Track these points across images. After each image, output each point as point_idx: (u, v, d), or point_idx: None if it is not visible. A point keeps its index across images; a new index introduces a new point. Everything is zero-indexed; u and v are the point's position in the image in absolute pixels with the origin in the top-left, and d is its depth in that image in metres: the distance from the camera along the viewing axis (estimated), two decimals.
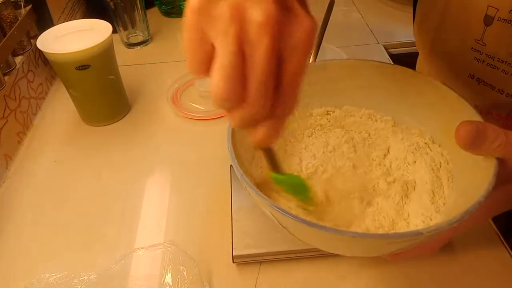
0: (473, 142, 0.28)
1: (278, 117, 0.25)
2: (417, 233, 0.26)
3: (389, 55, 0.78)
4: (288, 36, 0.22)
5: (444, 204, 0.35)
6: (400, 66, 0.40)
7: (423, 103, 0.39)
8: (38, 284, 0.41)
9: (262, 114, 0.24)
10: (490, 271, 0.42)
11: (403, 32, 0.84)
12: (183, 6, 0.92)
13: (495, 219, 0.46)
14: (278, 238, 0.42)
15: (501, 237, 0.44)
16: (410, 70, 0.40)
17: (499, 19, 0.39)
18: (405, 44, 0.81)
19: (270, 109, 0.24)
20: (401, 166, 0.40)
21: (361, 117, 0.43)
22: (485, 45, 0.41)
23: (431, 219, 0.34)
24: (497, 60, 0.41)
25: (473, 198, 0.28)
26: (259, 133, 0.25)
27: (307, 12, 0.23)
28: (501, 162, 0.29)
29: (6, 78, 0.58)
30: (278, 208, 0.28)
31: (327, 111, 0.44)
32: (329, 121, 0.44)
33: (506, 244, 0.44)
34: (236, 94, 0.23)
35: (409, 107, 0.41)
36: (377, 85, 0.41)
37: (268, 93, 0.23)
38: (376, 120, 0.43)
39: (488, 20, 0.40)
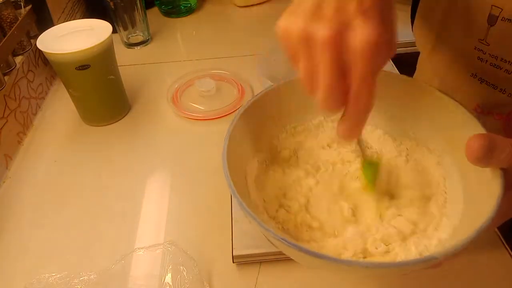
0: (485, 156, 0.27)
1: (353, 116, 0.28)
2: (431, 258, 0.26)
3: None
4: (347, 47, 0.25)
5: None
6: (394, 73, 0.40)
7: (422, 113, 0.39)
8: (38, 284, 0.41)
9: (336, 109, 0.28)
10: (490, 271, 0.42)
11: (403, 32, 0.83)
12: (183, 6, 0.92)
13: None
14: None
15: (501, 237, 0.44)
16: (404, 77, 0.39)
17: (503, 19, 0.39)
18: (405, 44, 0.81)
19: (347, 110, 0.28)
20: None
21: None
22: (489, 45, 0.41)
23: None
24: (501, 60, 0.41)
25: (482, 212, 0.27)
26: (341, 128, 0.30)
27: (372, 23, 0.25)
28: (504, 172, 0.29)
29: (6, 78, 0.58)
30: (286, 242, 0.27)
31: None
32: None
33: (506, 244, 0.44)
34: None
35: (406, 116, 0.40)
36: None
37: (338, 96, 0.27)
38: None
39: (492, 20, 0.40)
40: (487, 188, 0.29)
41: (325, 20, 0.25)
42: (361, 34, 0.25)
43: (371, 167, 0.37)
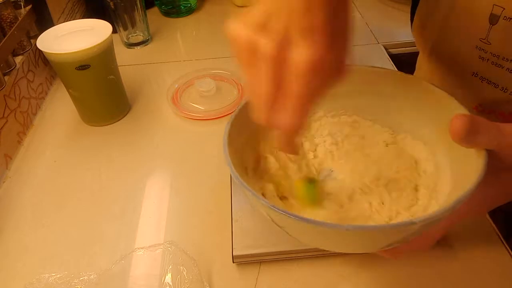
0: (468, 135, 0.29)
1: (283, 132, 0.29)
2: (410, 223, 0.26)
3: (389, 55, 0.78)
4: (286, 65, 0.25)
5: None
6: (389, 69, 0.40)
7: (414, 104, 0.40)
8: (38, 284, 0.41)
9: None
10: (490, 271, 0.42)
11: (403, 32, 0.84)
12: (183, 6, 0.92)
13: (495, 219, 0.46)
14: (278, 238, 0.42)
15: (501, 237, 0.44)
16: (399, 73, 0.40)
17: (504, 18, 0.39)
18: (405, 44, 0.81)
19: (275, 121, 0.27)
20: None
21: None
22: (490, 44, 0.42)
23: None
24: (502, 59, 0.41)
25: (465, 188, 0.28)
26: (275, 141, 0.30)
27: (316, 44, 0.24)
28: (492, 154, 0.30)
29: (6, 78, 0.58)
30: (276, 209, 0.28)
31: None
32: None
33: (506, 244, 0.44)
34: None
35: (399, 109, 0.41)
36: (363, 89, 0.41)
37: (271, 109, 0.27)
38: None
39: (493, 19, 0.40)
40: (471, 168, 0.30)
41: (271, 33, 0.25)
42: (300, 53, 0.24)
43: (310, 186, 0.37)
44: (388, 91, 0.40)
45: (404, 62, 0.78)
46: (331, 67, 0.26)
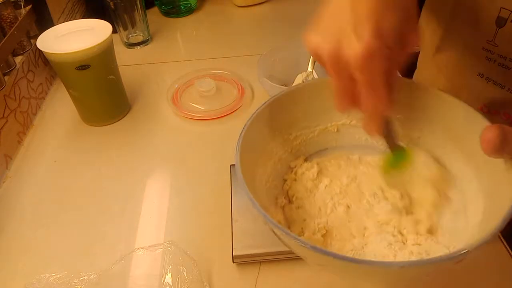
0: (501, 146, 0.28)
1: (366, 115, 0.34)
2: (462, 253, 0.26)
3: None
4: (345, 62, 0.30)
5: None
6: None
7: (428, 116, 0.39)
8: (38, 284, 0.41)
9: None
10: (490, 271, 0.42)
11: None
12: (183, 6, 0.92)
13: None
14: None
15: (501, 237, 0.44)
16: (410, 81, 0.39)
17: None
18: None
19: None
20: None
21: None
22: (497, 46, 0.42)
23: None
24: (509, 60, 0.41)
25: (502, 202, 0.28)
26: (362, 124, 0.35)
27: (362, 36, 0.29)
28: None
29: (6, 78, 0.58)
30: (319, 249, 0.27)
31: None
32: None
33: (506, 244, 0.44)
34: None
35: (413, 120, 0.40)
36: None
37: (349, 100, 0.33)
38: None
39: (500, 22, 0.40)
40: (504, 179, 0.30)
41: (328, 38, 0.30)
42: (349, 49, 0.29)
43: (399, 155, 0.38)
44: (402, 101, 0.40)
45: (404, 62, 0.78)
46: (388, 50, 0.29)
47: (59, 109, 0.67)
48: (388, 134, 0.36)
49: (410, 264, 0.27)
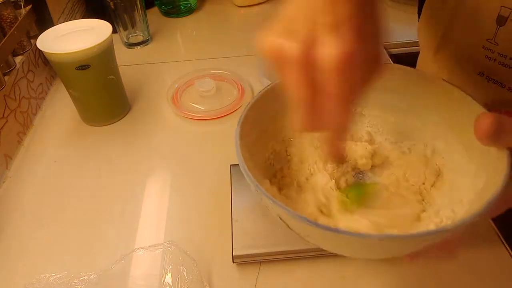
0: (494, 134, 0.28)
1: (330, 136, 0.29)
2: (443, 230, 0.26)
3: (389, 55, 0.78)
4: (317, 65, 0.24)
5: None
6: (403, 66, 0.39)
7: (428, 104, 0.39)
8: (38, 284, 0.41)
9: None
10: (490, 271, 0.42)
11: (403, 32, 0.84)
12: (183, 6, 0.92)
13: (495, 219, 0.46)
14: (278, 238, 0.42)
15: (501, 237, 0.44)
16: (410, 69, 0.39)
17: None
18: (405, 44, 0.81)
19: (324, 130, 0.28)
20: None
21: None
22: (497, 44, 0.42)
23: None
24: (510, 59, 0.41)
25: (491, 189, 0.28)
26: (323, 149, 0.31)
27: (344, 38, 0.23)
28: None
29: (6, 78, 0.58)
30: (304, 219, 0.27)
31: None
32: None
33: (506, 244, 0.44)
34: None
35: (413, 108, 0.41)
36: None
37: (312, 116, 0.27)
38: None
39: (501, 20, 0.40)
40: (494, 168, 0.30)
41: (297, 36, 0.24)
42: (327, 50, 0.23)
43: (359, 188, 0.38)
44: (401, 88, 0.40)
45: (404, 62, 0.78)
46: (366, 60, 0.25)
47: (59, 109, 0.67)
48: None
49: (389, 238, 0.27)
